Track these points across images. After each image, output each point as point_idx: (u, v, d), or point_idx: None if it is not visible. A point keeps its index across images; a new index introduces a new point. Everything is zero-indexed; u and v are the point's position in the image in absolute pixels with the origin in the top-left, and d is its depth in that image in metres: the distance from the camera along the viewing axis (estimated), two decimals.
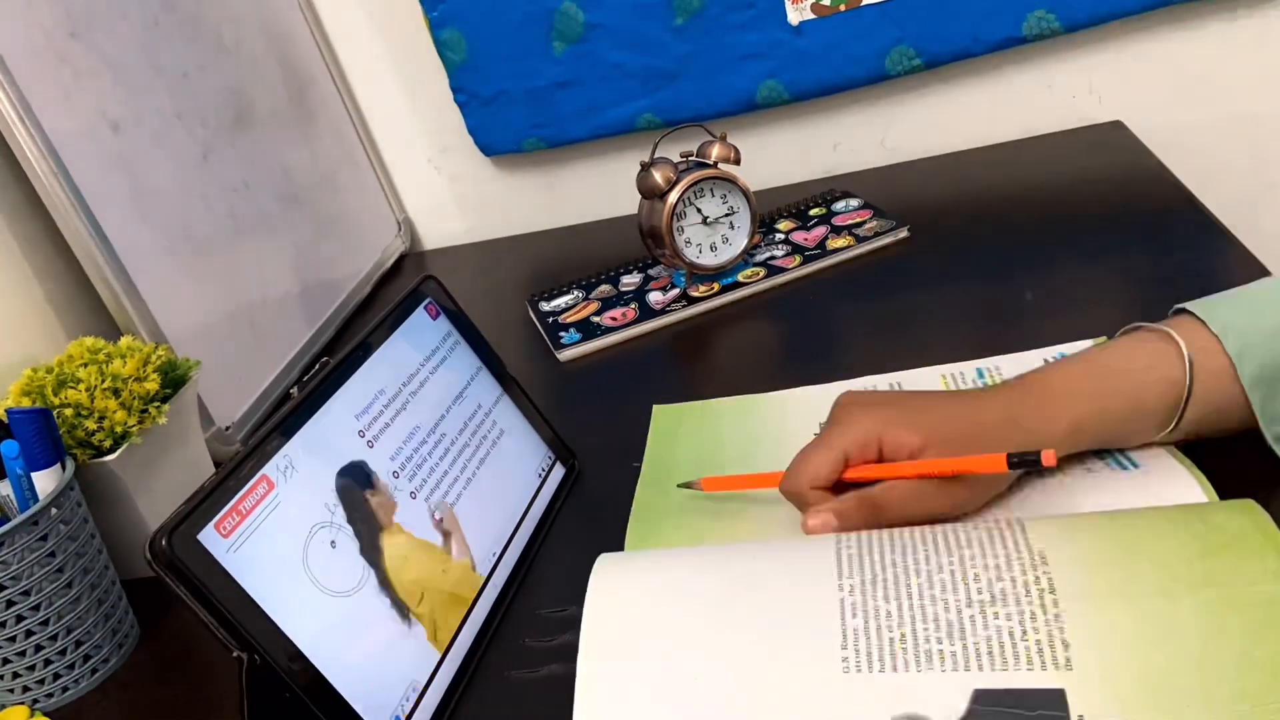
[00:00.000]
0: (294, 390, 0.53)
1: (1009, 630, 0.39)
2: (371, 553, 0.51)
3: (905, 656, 0.40)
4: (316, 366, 0.55)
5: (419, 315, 0.61)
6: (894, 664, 0.40)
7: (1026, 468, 0.47)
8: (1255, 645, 0.36)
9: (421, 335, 0.61)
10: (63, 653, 0.59)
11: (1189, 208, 0.79)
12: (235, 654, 0.44)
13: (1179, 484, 0.51)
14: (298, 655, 0.45)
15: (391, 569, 0.51)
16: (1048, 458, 0.46)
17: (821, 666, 0.40)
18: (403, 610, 0.51)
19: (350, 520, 0.51)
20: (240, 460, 0.47)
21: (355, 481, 0.52)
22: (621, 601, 0.46)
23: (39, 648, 0.58)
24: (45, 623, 0.58)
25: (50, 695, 0.59)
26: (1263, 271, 0.68)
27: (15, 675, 0.58)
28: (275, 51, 1.00)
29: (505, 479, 0.61)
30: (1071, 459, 0.54)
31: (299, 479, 0.49)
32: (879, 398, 0.56)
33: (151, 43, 0.82)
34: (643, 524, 0.59)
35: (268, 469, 0.48)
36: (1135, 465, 0.53)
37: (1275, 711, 0.35)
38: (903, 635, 0.40)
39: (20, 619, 0.57)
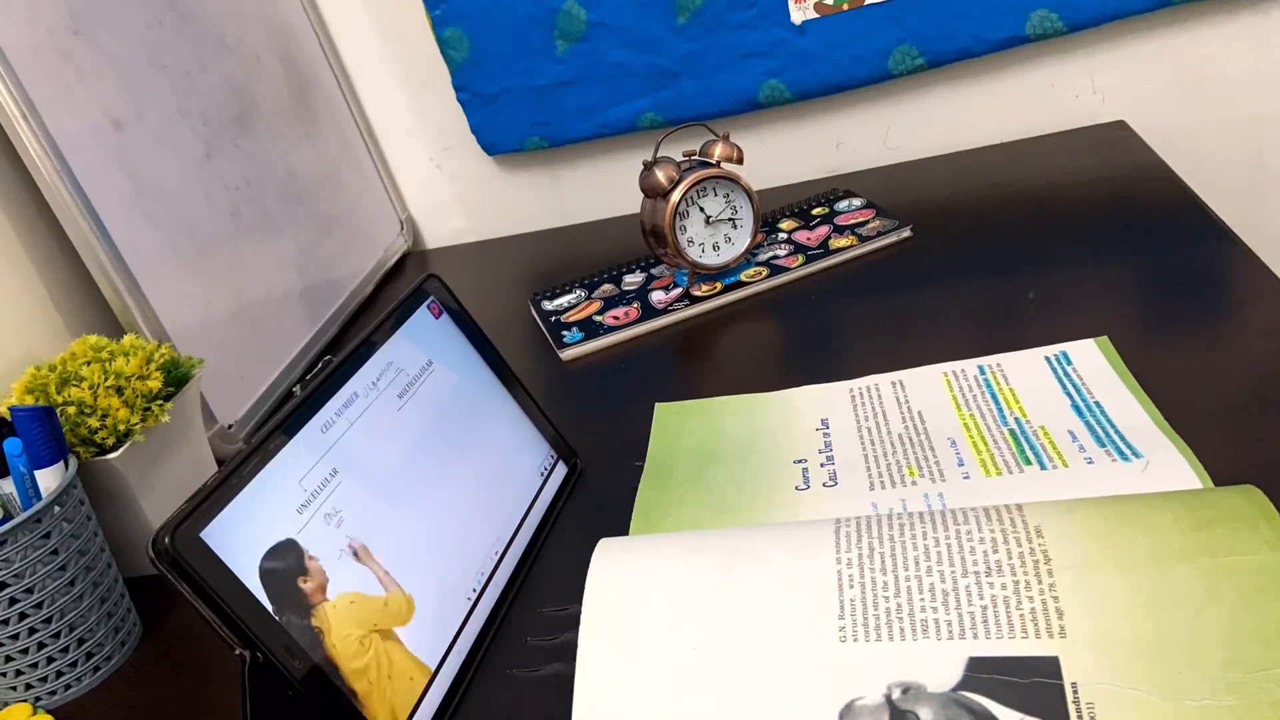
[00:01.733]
0: (296, 389, 0.53)
1: (1004, 599, 0.40)
2: (306, 634, 0.46)
3: (901, 625, 0.40)
4: (319, 365, 0.55)
5: (422, 314, 0.61)
6: (890, 633, 0.40)
7: None
8: (1247, 613, 0.37)
9: (424, 334, 0.61)
10: (65, 650, 0.59)
11: (1191, 207, 0.79)
12: (238, 652, 0.44)
13: (1180, 475, 0.51)
14: (300, 653, 0.45)
15: (331, 649, 0.47)
16: None
17: (819, 636, 0.41)
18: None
19: (278, 610, 0.45)
20: (243, 459, 0.47)
21: (285, 564, 0.47)
22: (622, 576, 0.46)
23: (41, 645, 0.58)
24: (48, 620, 0.58)
25: (53, 693, 0.60)
26: (1265, 271, 0.68)
27: (18, 673, 0.58)
28: (278, 50, 1.00)
29: (507, 478, 0.61)
30: (1072, 448, 0.54)
31: (299, 479, 0.50)
32: None
33: (154, 41, 0.82)
34: (645, 522, 0.60)
35: (267, 470, 0.48)
36: (1138, 455, 0.53)
37: (1267, 678, 0.35)
38: (899, 605, 0.41)
39: (23, 616, 0.57)
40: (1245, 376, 0.59)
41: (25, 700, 0.58)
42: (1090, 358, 0.63)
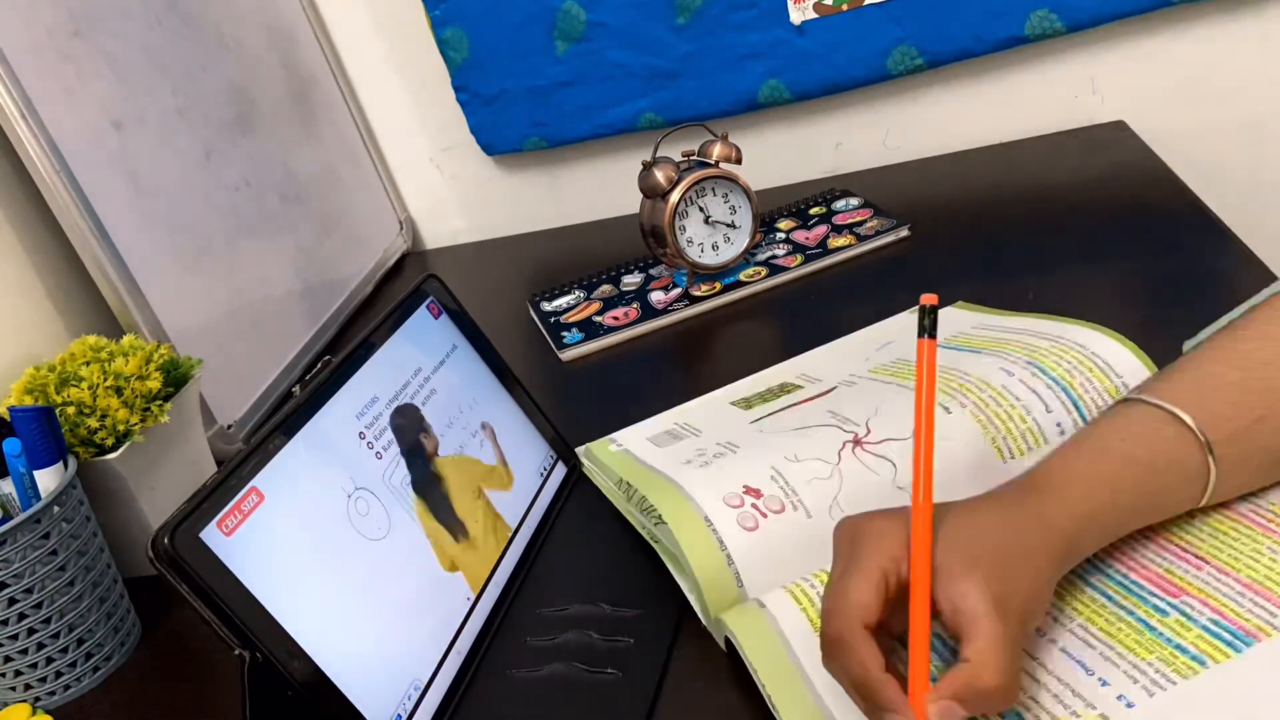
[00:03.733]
0: (295, 389, 0.53)
1: None
2: (426, 484, 0.55)
3: None
4: (318, 365, 0.55)
5: (421, 314, 0.61)
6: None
7: None
8: None
9: (423, 335, 0.61)
10: (64, 650, 0.59)
11: (1190, 207, 0.79)
12: (237, 652, 0.44)
13: None
14: (299, 653, 0.45)
15: (453, 489, 0.57)
16: None
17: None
18: (456, 530, 0.56)
19: (404, 454, 0.55)
20: (243, 459, 0.47)
21: (408, 420, 0.57)
22: None
23: (41, 645, 0.58)
24: (47, 620, 0.58)
25: (52, 693, 0.60)
26: (1264, 271, 0.68)
27: (17, 673, 0.58)
28: (277, 50, 1.00)
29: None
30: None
31: (303, 477, 0.50)
32: (885, 515, 0.44)
33: (154, 41, 0.82)
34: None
35: (267, 470, 0.48)
36: None
37: None
38: None
39: (22, 617, 0.57)
40: None
41: (25, 700, 0.58)
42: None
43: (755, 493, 0.53)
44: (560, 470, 0.66)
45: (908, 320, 0.71)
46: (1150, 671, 0.41)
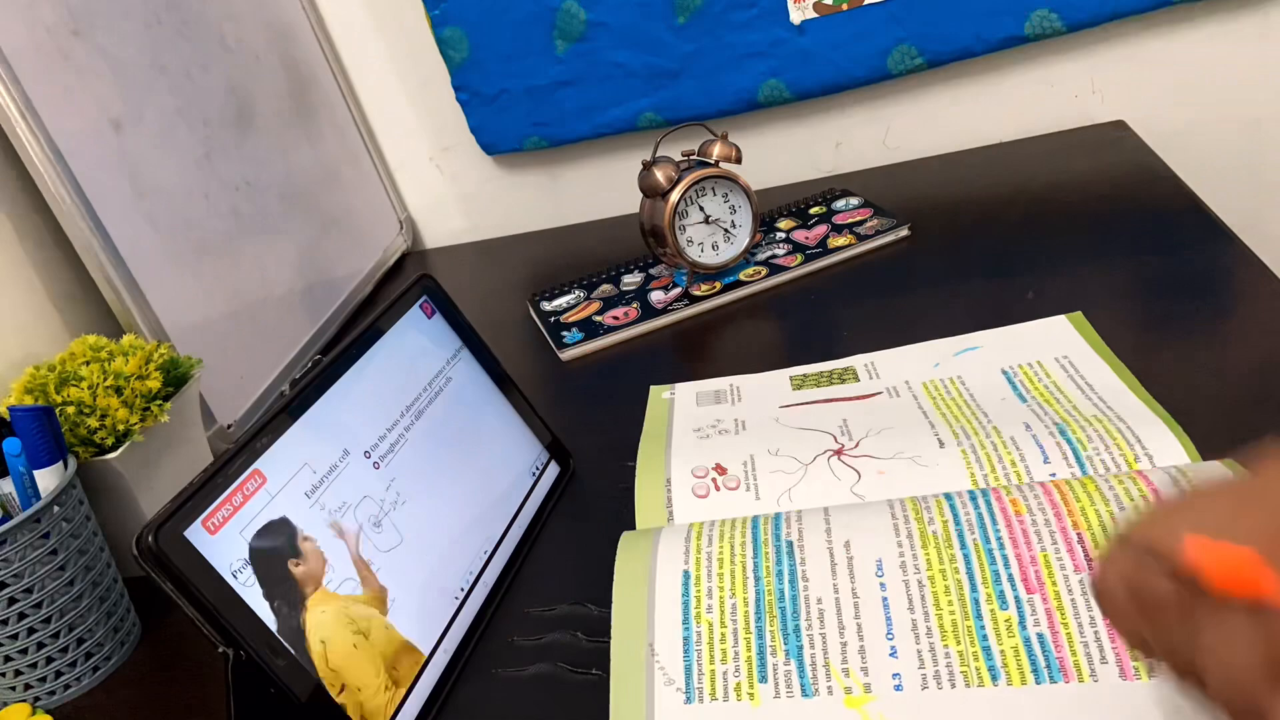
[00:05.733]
0: (285, 388, 0.53)
1: None
2: (292, 629, 0.46)
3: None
4: (308, 363, 0.55)
5: (414, 314, 0.61)
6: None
7: None
8: None
9: (417, 334, 0.61)
10: (64, 650, 0.59)
11: (1191, 207, 0.79)
12: (220, 649, 0.44)
13: (1169, 450, 0.52)
14: (282, 651, 0.45)
15: (314, 646, 0.47)
16: None
17: None
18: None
19: (267, 593, 0.46)
20: (229, 457, 0.47)
21: (277, 545, 0.47)
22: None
23: (41, 645, 0.58)
24: (47, 620, 0.58)
25: (52, 693, 0.60)
26: (1265, 271, 0.68)
27: (17, 673, 0.58)
28: (277, 50, 1.00)
29: (497, 477, 0.61)
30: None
31: (289, 476, 0.50)
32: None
33: (154, 41, 0.82)
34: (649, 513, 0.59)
35: (259, 464, 0.48)
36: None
37: None
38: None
39: (22, 616, 0.57)
40: (1245, 376, 0.59)
41: (25, 700, 0.58)
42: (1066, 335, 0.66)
43: (721, 469, 0.59)
44: (553, 470, 0.66)
45: (992, 335, 0.69)
46: (941, 662, 0.39)
